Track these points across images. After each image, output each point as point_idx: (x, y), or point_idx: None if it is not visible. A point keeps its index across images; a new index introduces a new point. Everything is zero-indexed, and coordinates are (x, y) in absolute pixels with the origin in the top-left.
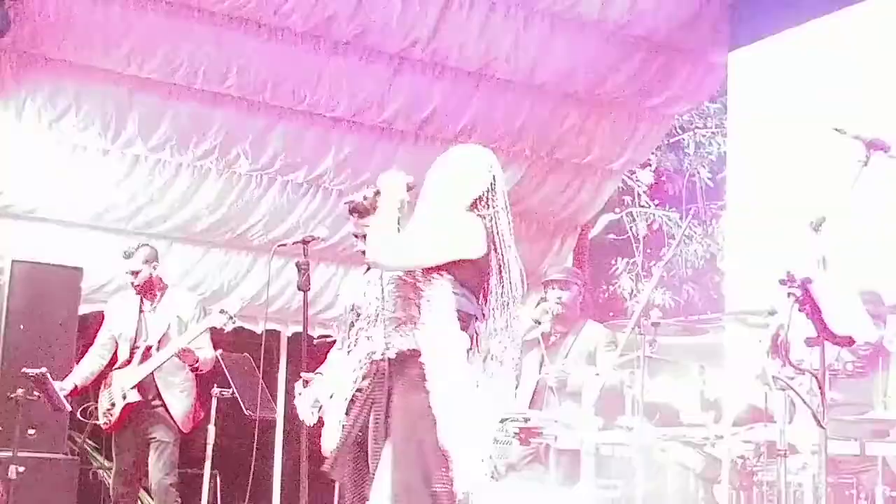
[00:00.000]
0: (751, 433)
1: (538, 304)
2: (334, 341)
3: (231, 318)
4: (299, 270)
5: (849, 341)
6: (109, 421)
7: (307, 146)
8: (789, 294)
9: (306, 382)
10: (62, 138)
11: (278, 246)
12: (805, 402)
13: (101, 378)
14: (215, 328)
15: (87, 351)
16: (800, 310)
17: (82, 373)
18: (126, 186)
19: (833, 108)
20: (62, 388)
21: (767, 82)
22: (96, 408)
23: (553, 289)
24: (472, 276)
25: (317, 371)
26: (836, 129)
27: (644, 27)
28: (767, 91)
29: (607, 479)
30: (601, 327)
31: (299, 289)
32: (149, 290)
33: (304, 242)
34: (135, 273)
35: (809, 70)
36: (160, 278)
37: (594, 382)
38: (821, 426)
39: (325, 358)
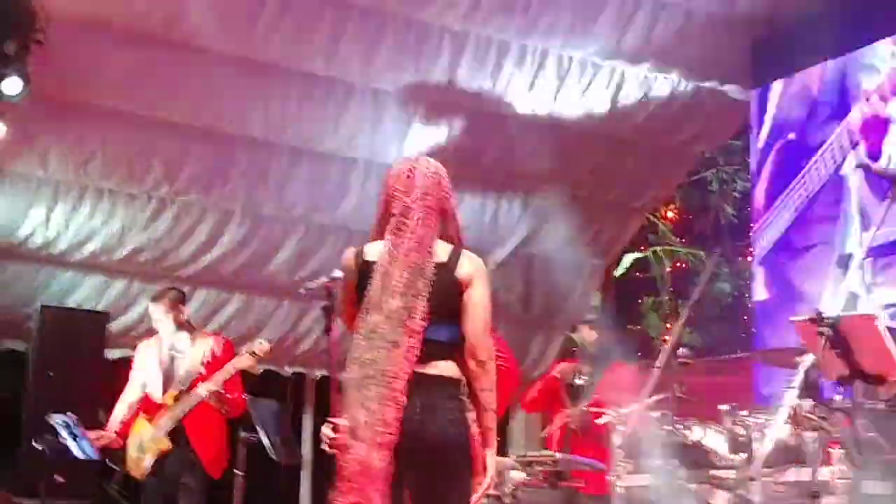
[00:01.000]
0: (783, 474)
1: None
2: None
3: (260, 359)
4: (325, 313)
5: (880, 379)
6: (138, 467)
7: (330, 187)
8: (820, 333)
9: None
10: (89, 182)
11: (305, 291)
12: (840, 443)
13: (131, 423)
14: (244, 371)
15: (114, 396)
16: (831, 348)
17: (118, 419)
18: (152, 230)
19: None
20: (103, 437)
21: (789, 118)
22: (125, 454)
23: (592, 329)
24: None
25: None
26: (861, 166)
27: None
28: (789, 127)
29: None
30: (626, 367)
31: (325, 332)
32: (176, 333)
33: (328, 286)
34: (164, 317)
35: (830, 106)
36: (189, 322)
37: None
38: (854, 465)
39: None
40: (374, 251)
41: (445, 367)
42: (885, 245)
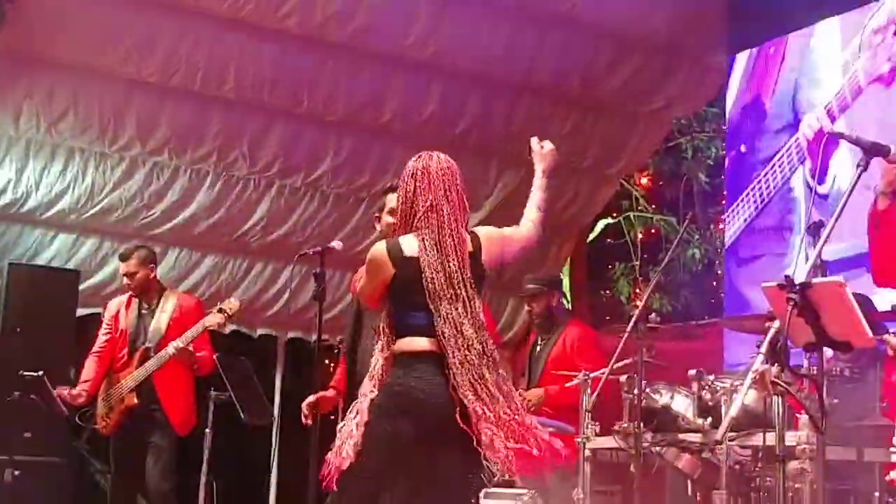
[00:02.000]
0: (749, 439)
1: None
2: (332, 345)
3: (229, 317)
4: (316, 280)
5: (847, 346)
6: (107, 425)
7: (305, 149)
8: (788, 299)
9: None
10: (60, 141)
11: (299, 256)
12: (804, 407)
13: (100, 381)
14: (213, 331)
15: (85, 353)
16: (798, 315)
17: (88, 378)
18: (124, 189)
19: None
20: (75, 396)
21: (765, 85)
22: (94, 412)
23: (528, 303)
24: None
25: None
26: (836, 133)
27: (642, 29)
28: (765, 94)
29: (604, 485)
30: (582, 328)
31: (314, 298)
32: (146, 292)
33: (323, 253)
34: (132, 275)
35: (807, 72)
36: (158, 280)
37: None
38: (819, 432)
39: (328, 363)
40: (411, 247)
41: None
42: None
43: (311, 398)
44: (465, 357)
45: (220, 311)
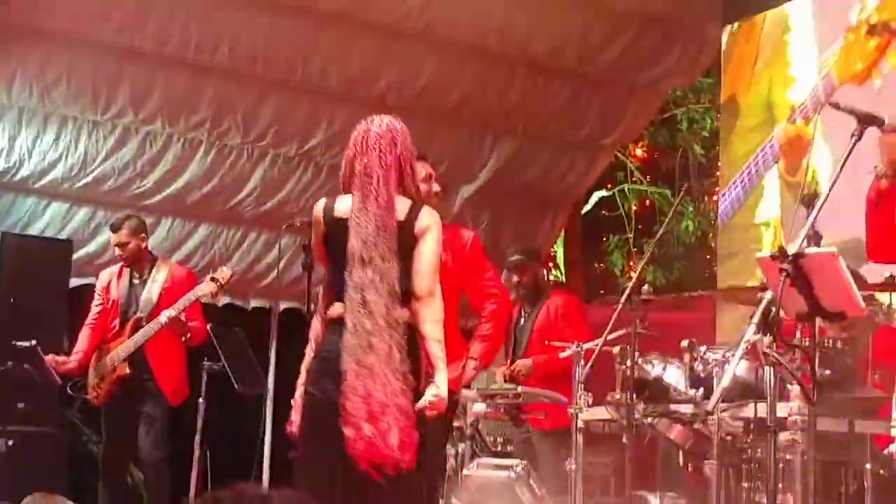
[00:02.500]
0: (740, 410)
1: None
2: None
3: (222, 286)
4: (305, 251)
5: (840, 317)
6: (99, 395)
7: (299, 119)
8: (780, 270)
9: None
10: (53, 109)
11: (287, 226)
12: (795, 379)
13: (93, 350)
14: (207, 303)
15: (78, 323)
16: (791, 285)
17: (81, 349)
18: (117, 158)
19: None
20: (64, 363)
21: (761, 56)
22: (86, 382)
23: (514, 273)
24: None
25: None
26: (831, 104)
27: (638, 1)
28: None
29: (596, 456)
30: (566, 296)
31: (303, 268)
32: (137, 262)
33: (310, 224)
34: (123, 245)
35: (802, 44)
36: (149, 250)
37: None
38: (810, 403)
39: None
40: (344, 207)
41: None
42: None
43: None
44: (359, 323)
45: (213, 279)
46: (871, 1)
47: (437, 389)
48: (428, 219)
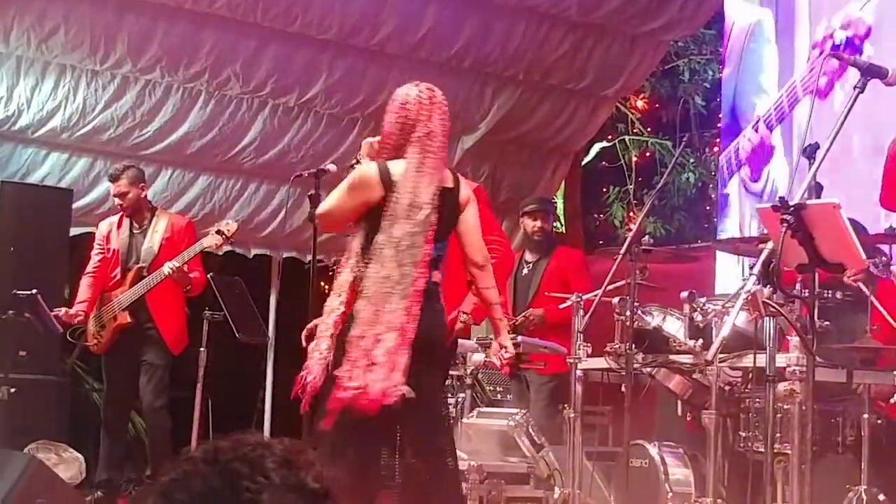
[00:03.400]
0: (739, 360)
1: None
2: (326, 265)
3: (227, 238)
4: (311, 202)
5: (840, 269)
6: (99, 343)
7: (298, 69)
8: (782, 220)
9: None
10: (51, 58)
11: (295, 177)
12: (795, 329)
13: (93, 299)
14: (207, 252)
15: (79, 272)
16: (792, 236)
17: (84, 298)
18: (116, 108)
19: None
20: (73, 315)
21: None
22: (85, 329)
23: (534, 219)
24: None
25: None
26: (834, 55)
27: None
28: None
29: (595, 405)
30: (575, 251)
31: (309, 220)
32: (137, 212)
33: (318, 175)
34: (122, 195)
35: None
36: (148, 200)
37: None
38: (809, 353)
39: (323, 284)
40: (398, 169)
41: (436, 275)
42: None
43: (311, 324)
44: (382, 278)
45: (219, 232)
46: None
47: (507, 348)
48: (467, 190)
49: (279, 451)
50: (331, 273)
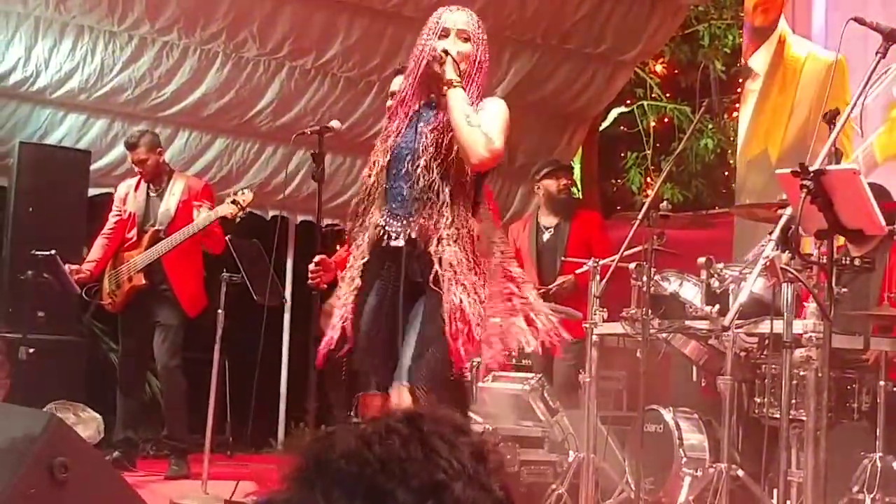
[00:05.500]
0: (756, 326)
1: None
2: (342, 229)
3: (243, 208)
4: (315, 161)
5: (859, 235)
6: (114, 302)
7: (315, 31)
8: (801, 186)
9: None
10: (69, 19)
11: (297, 135)
12: (812, 295)
13: (109, 259)
14: (225, 217)
15: (96, 233)
16: (811, 202)
17: (94, 258)
18: (133, 69)
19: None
20: (77, 271)
21: None
22: (101, 288)
23: (557, 178)
24: None
25: None
26: (855, 20)
27: None
28: None
29: (610, 370)
30: (596, 215)
31: (314, 179)
32: (156, 176)
33: (321, 133)
34: (142, 162)
35: None
36: (166, 163)
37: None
38: (827, 319)
39: (334, 246)
40: None
41: None
42: None
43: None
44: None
45: (234, 202)
46: None
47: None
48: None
49: (475, 440)
50: (344, 237)
